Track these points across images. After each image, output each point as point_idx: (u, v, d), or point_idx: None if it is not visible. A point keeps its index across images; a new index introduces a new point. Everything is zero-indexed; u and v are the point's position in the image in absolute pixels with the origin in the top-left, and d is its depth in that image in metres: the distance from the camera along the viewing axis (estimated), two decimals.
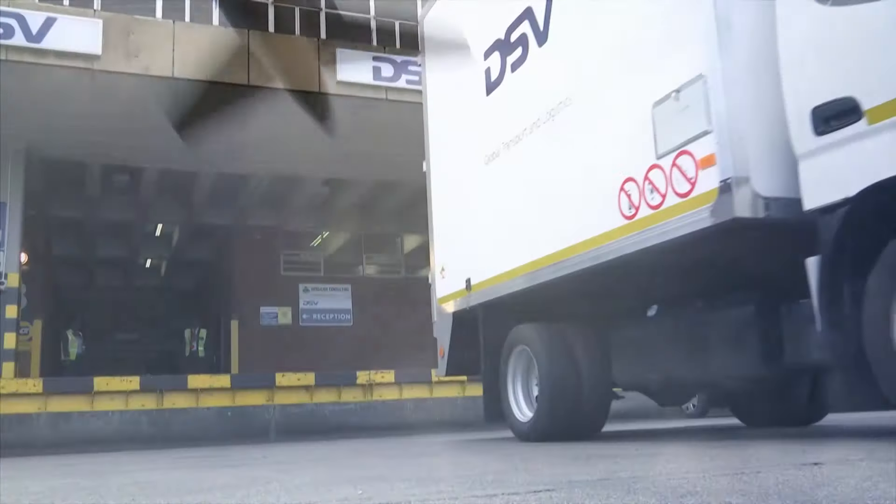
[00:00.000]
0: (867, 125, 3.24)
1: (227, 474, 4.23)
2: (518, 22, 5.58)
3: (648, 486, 2.52)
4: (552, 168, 5.17)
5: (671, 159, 4.01)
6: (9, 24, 10.75)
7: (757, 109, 3.69)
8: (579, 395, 5.32)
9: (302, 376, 12.21)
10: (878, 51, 3.25)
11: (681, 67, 3.96)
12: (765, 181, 3.62)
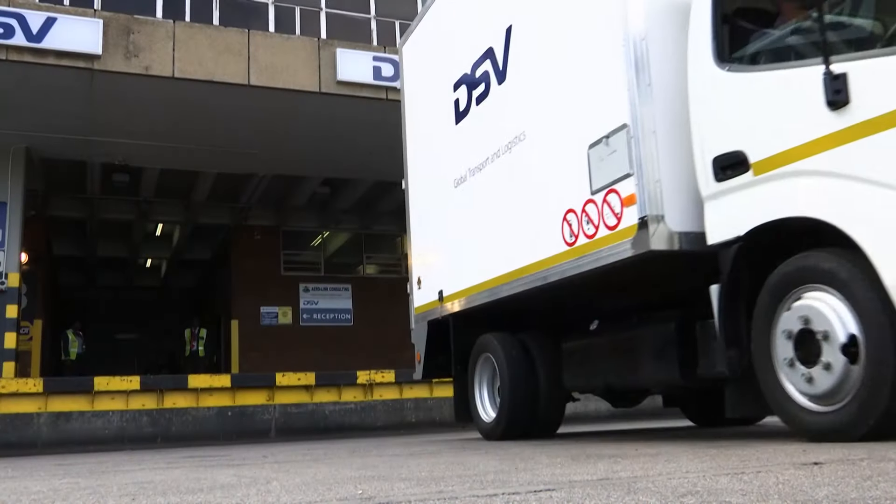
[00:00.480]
0: (753, 176, 3.81)
1: (227, 474, 4.23)
2: (482, 59, 6.08)
3: (649, 486, 2.52)
4: (509, 195, 5.70)
5: (602, 196, 4.57)
6: (9, 23, 10.76)
7: (671, 156, 4.22)
8: (536, 398, 5.93)
9: (302, 376, 12.21)
10: (762, 113, 3.80)
11: (610, 116, 4.48)
12: (677, 218, 4.17)
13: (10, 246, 13.16)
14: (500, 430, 6.13)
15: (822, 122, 3.46)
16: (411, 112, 7.72)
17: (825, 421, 3.52)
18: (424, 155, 7.38)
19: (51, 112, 12.33)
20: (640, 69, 4.32)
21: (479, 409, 6.45)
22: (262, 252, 19.51)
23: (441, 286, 6.70)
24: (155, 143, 13.72)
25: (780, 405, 3.75)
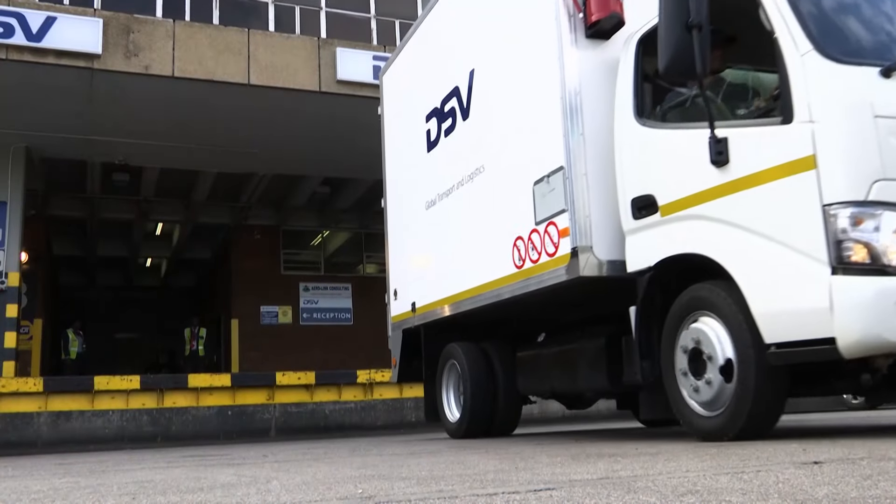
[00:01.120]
0: (661, 217, 4.42)
1: (227, 473, 4.23)
2: (450, 96, 6.66)
3: (649, 485, 2.52)
4: (470, 220, 6.33)
5: (544, 226, 5.16)
6: (9, 23, 10.76)
7: (600, 195, 4.82)
8: (496, 400, 6.57)
9: (302, 375, 12.21)
10: (668, 163, 4.44)
11: (550, 158, 5.07)
12: (604, 249, 4.78)
13: (10, 245, 13.16)
14: (464, 429, 6.73)
15: (709, 176, 4.07)
16: (390, 137, 8.30)
17: (708, 424, 4.11)
18: (401, 178, 7.97)
19: (51, 111, 12.33)
20: (574, 119, 4.91)
21: (446, 409, 7.04)
22: (262, 251, 19.51)
23: (414, 298, 7.26)
24: (155, 143, 13.72)
25: (678, 409, 4.33)
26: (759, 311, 3.76)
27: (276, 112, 12.76)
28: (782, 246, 3.68)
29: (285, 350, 17.61)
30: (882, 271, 3.41)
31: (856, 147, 3.51)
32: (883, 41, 4.01)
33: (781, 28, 3.80)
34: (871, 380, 3.87)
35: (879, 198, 3.44)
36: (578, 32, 4.96)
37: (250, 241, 19.51)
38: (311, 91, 12.22)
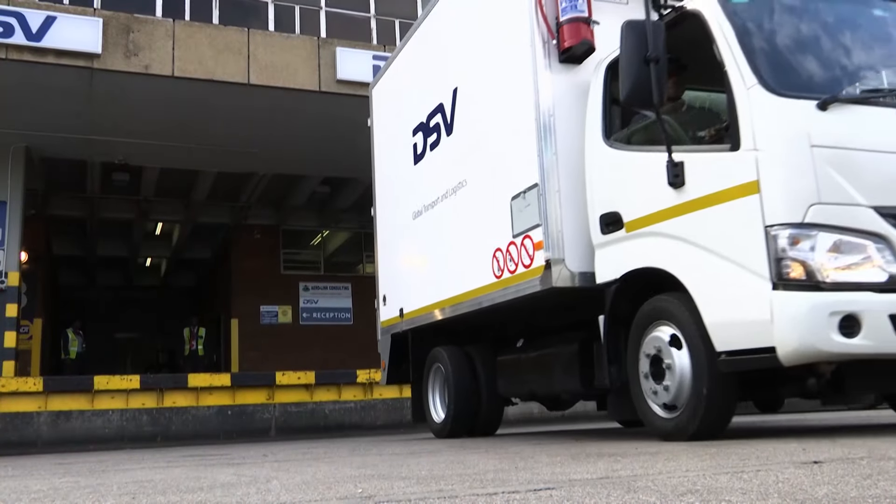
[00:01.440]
0: (626, 233, 4.70)
1: (227, 472, 4.23)
2: (435, 112, 6.92)
3: (649, 485, 2.53)
4: (454, 231, 6.61)
5: (521, 239, 5.44)
6: (9, 22, 10.75)
7: (572, 211, 5.09)
8: (478, 402, 6.85)
9: (302, 375, 12.22)
10: (632, 183, 4.71)
11: (526, 175, 5.34)
12: (575, 262, 5.06)
13: (9, 245, 13.16)
14: (448, 429, 7.00)
15: (667, 196, 4.37)
16: (379, 148, 8.57)
17: (667, 425, 4.40)
18: (389, 188, 8.23)
19: (50, 111, 12.32)
20: (548, 138, 5.19)
21: (432, 410, 7.33)
22: (262, 251, 19.51)
23: (402, 304, 7.54)
24: (155, 143, 13.71)
25: (641, 411, 4.61)
26: (710, 321, 4.06)
27: (276, 112, 12.76)
28: (730, 262, 3.98)
29: (285, 350, 17.61)
30: (816, 287, 3.70)
31: (794, 174, 3.81)
32: (821, 76, 4.29)
33: (730, 62, 4.10)
34: (816, 384, 4.13)
35: (815, 220, 3.74)
36: (552, 57, 5.24)
37: (250, 241, 19.50)
38: (311, 91, 12.22)
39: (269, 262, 19.55)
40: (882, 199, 3.80)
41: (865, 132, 3.91)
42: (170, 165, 15.60)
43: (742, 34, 4.15)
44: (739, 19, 4.21)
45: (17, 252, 13.26)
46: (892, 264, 3.75)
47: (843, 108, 3.91)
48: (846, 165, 3.81)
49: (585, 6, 5.13)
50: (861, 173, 3.83)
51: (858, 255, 3.75)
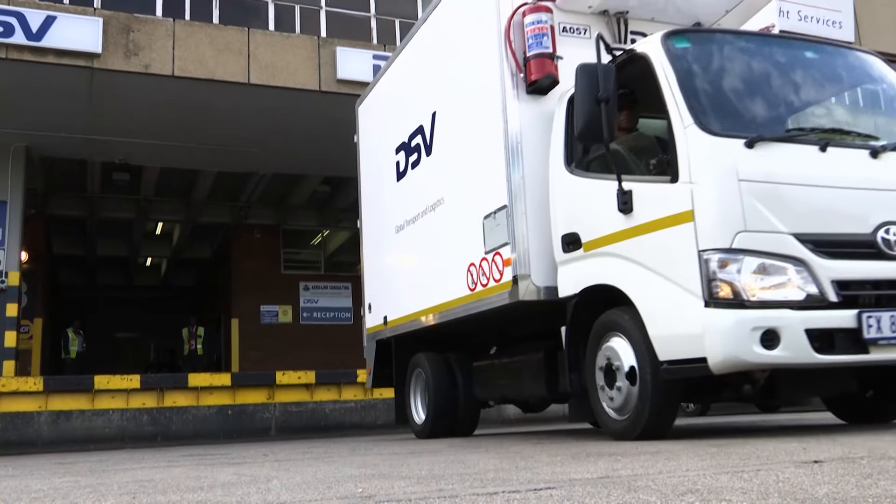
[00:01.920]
0: (584, 252, 5.11)
1: (227, 472, 4.23)
2: (416, 133, 7.29)
3: (649, 484, 2.53)
4: (433, 245, 7.04)
5: (492, 256, 5.85)
6: (9, 22, 10.75)
7: (537, 231, 5.48)
8: (456, 405, 7.17)
9: (302, 374, 12.22)
10: (589, 207, 5.11)
11: (496, 197, 5.74)
12: (540, 277, 5.44)
13: (10, 245, 13.15)
14: (428, 430, 7.36)
15: (618, 221, 4.77)
16: (364, 164, 8.94)
17: (619, 426, 4.81)
18: (374, 202, 8.61)
19: (51, 111, 12.32)
20: (516, 163, 5.58)
21: (413, 412, 7.67)
22: (262, 251, 19.50)
23: (386, 312, 7.95)
24: (155, 142, 13.71)
25: (597, 413, 5.04)
26: (654, 333, 4.47)
27: (276, 111, 12.76)
28: (671, 282, 4.40)
29: (285, 349, 17.60)
30: (742, 305, 4.12)
31: (723, 204, 4.24)
32: (750, 117, 4.75)
33: (671, 103, 4.52)
34: (751, 389, 4.64)
35: (741, 246, 4.17)
36: (520, 89, 5.63)
37: (250, 241, 19.50)
38: (312, 90, 12.21)
39: (270, 262, 19.54)
40: (801, 226, 4.24)
41: (787, 167, 4.33)
42: (170, 165, 15.59)
43: (682, 77, 4.58)
44: (680, 63, 4.65)
45: (18, 252, 13.25)
46: (810, 284, 4.16)
47: (768, 146, 4.33)
48: (770, 197, 4.24)
49: (550, 43, 5.52)
50: (783, 204, 4.25)
51: (780, 276, 4.17)
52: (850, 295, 4.21)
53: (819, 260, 4.19)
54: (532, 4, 5.63)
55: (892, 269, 4.29)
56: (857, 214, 4.37)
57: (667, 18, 5.91)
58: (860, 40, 18.92)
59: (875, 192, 4.43)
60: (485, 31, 5.98)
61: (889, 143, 4.68)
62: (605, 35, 5.31)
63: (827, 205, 4.34)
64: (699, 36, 5.14)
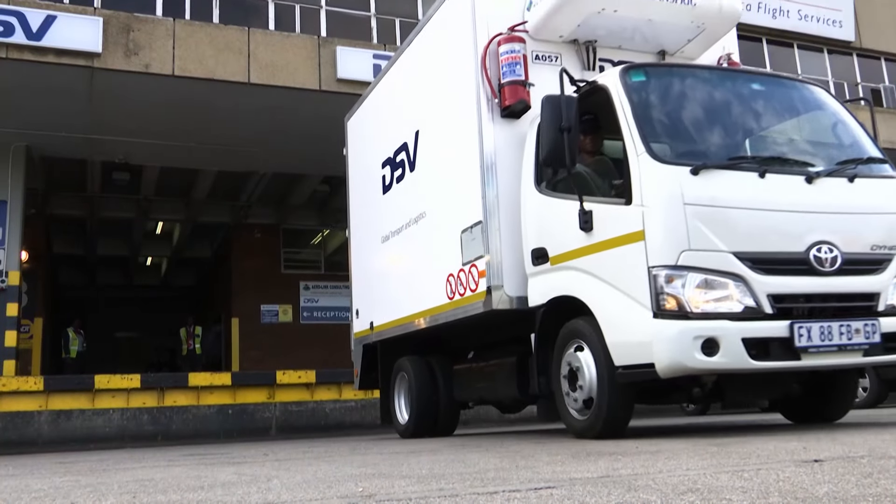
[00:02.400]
0: (551, 265, 5.49)
1: (228, 471, 4.23)
2: (400, 150, 7.65)
3: (649, 483, 2.53)
4: (415, 256, 7.43)
5: (469, 267, 6.21)
6: (9, 21, 10.74)
7: (509, 245, 5.86)
8: (437, 406, 7.49)
9: (303, 374, 12.22)
10: (555, 224, 5.45)
11: (472, 213, 6.12)
12: (512, 288, 5.83)
13: (10, 244, 13.15)
14: (411, 430, 7.65)
15: (580, 238, 5.16)
16: (353, 176, 9.27)
17: (580, 425, 5.22)
18: (362, 213, 8.93)
19: (51, 110, 12.32)
20: (490, 182, 5.96)
21: (397, 413, 7.98)
22: (263, 250, 19.50)
23: (372, 318, 8.29)
24: (155, 142, 13.71)
25: (562, 414, 5.41)
26: (610, 341, 4.86)
27: (277, 111, 12.76)
28: (625, 295, 4.78)
29: (286, 349, 17.61)
30: (685, 316, 4.51)
31: (670, 226, 4.63)
32: (697, 146, 5.18)
33: (626, 133, 4.91)
34: (700, 392, 5.14)
35: (685, 263, 4.56)
36: (495, 112, 5.99)
37: (250, 240, 19.50)
38: (312, 90, 12.21)
39: (270, 262, 19.54)
40: (740, 246, 4.62)
41: (729, 192, 4.71)
42: (170, 164, 15.59)
43: (636, 108, 4.97)
44: (635, 95, 5.05)
45: (18, 251, 13.25)
46: (747, 298, 4.56)
47: (712, 173, 4.72)
48: (712, 219, 4.63)
49: (523, 71, 5.87)
50: (724, 225, 4.64)
51: (720, 291, 4.56)
52: (784, 307, 4.61)
53: (756, 276, 4.58)
54: (506, 35, 5.99)
55: (822, 284, 4.70)
56: (792, 235, 4.75)
57: (634, 47, 6.27)
58: (860, 39, 18.93)
59: (808, 215, 4.82)
60: (463, 58, 6.34)
61: (823, 169, 5.08)
62: (575, 62, 6.06)
63: (764, 226, 4.73)
64: (654, 70, 5.59)
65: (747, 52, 18.11)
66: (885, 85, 19.14)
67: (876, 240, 4.93)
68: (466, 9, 6.29)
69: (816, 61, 18.85)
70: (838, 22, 18.62)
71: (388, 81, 8.25)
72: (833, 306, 4.73)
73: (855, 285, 4.80)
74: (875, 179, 5.19)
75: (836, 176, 5.03)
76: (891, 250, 4.94)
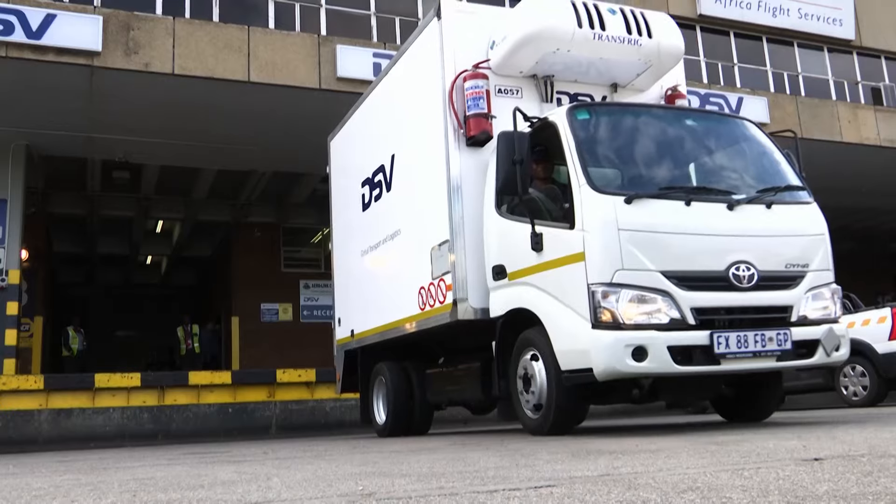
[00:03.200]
0: (508, 281, 6.05)
1: (228, 470, 4.24)
2: (378, 171, 8.24)
3: (649, 482, 2.53)
4: (391, 269, 8.00)
5: (437, 281, 6.75)
6: (8, 20, 10.74)
7: (474, 262, 6.40)
8: (412, 408, 8.04)
9: (303, 372, 12.24)
10: (512, 244, 6.00)
11: (441, 232, 6.65)
12: (476, 300, 6.39)
13: (10, 243, 13.15)
14: (388, 430, 8.17)
15: (532, 257, 5.71)
16: (335, 193, 9.82)
17: (534, 423, 5.83)
18: (344, 228, 9.52)
19: (51, 109, 12.31)
20: (456, 204, 6.50)
21: (376, 414, 8.53)
22: (263, 249, 19.49)
23: (353, 326, 8.82)
24: (155, 140, 13.70)
25: (519, 413, 6.01)
26: (557, 348, 5.44)
27: (277, 109, 12.75)
28: (569, 308, 5.35)
29: (286, 347, 17.60)
30: (619, 327, 5.08)
31: (606, 248, 5.20)
32: (631, 178, 5.83)
33: (571, 165, 5.51)
34: (638, 393, 5.71)
35: (619, 281, 5.14)
36: (461, 141, 6.54)
37: (250, 239, 19.48)
38: (312, 88, 12.20)
39: (270, 260, 19.53)
40: (667, 265, 5.20)
41: (658, 219, 5.29)
42: (170, 163, 15.58)
43: (580, 143, 5.55)
44: (579, 132, 5.63)
45: (18, 250, 13.24)
46: (673, 311, 5.13)
47: (644, 202, 5.31)
48: (643, 242, 5.21)
49: (485, 104, 6.42)
50: (653, 248, 5.22)
51: (649, 305, 5.13)
52: (706, 319, 5.18)
53: (681, 292, 5.16)
54: (471, 72, 6.55)
55: (740, 298, 5.29)
56: (714, 255, 5.33)
57: (588, 80, 6.86)
58: (860, 38, 18.92)
59: (728, 238, 5.42)
60: (433, 91, 6.87)
61: (743, 197, 5.67)
62: (535, 95, 6.73)
63: (689, 248, 5.32)
64: (598, 109, 6.27)
65: (747, 51, 18.15)
66: (885, 84, 19.14)
67: (790, 259, 5.55)
68: (435, 47, 6.86)
69: (816, 60, 18.85)
70: (838, 20, 18.61)
71: (368, 106, 8.78)
72: (751, 318, 5.31)
73: (770, 299, 5.39)
74: (792, 205, 5.82)
75: (755, 203, 5.62)
76: (803, 268, 5.56)
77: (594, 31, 6.36)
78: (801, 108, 16.04)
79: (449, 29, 6.76)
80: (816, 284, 5.60)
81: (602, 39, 6.42)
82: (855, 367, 10.13)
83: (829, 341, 5.50)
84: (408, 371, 8.09)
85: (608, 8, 6.53)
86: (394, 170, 7.83)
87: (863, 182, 18.00)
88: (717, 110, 7.12)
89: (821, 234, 5.78)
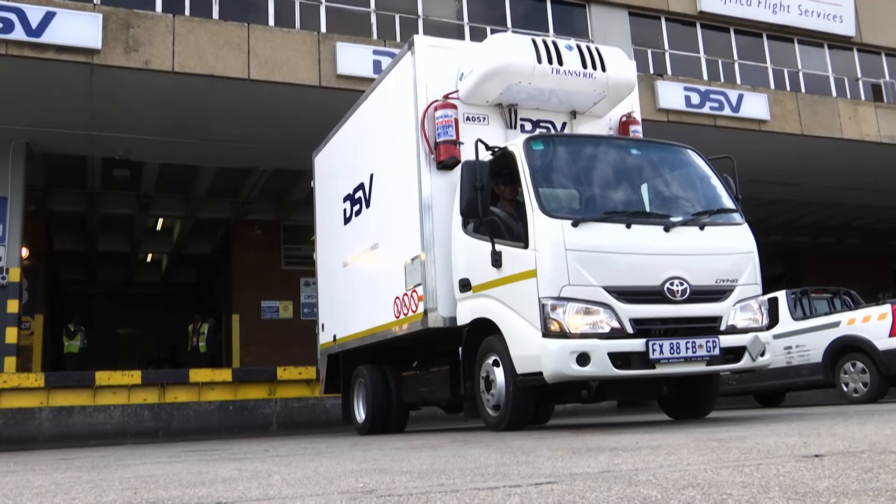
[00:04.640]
0: (473, 293, 6.64)
1: (229, 467, 4.24)
2: (358, 188, 8.82)
3: (650, 478, 2.53)
4: (370, 280, 8.56)
5: (411, 292, 7.32)
6: (8, 18, 10.72)
7: (443, 275, 6.97)
8: (389, 408, 8.61)
9: (303, 370, 12.23)
10: (475, 260, 6.57)
11: (414, 247, 7.24)
12: (445, 309, 6.96)
13: (10, 241, 13.14)
14: (367, 428, 8.71)
15: (493, 272, 6.34)
16: (319, 207, 10.38)
17: (493, 421, 6.48)
18: (326, 240, 10.08)
19: (51, 107, 12.31)
20: (427, 222, 7.06)
21: (356, 413, 9.09)
22: (263, 246, 19.48)
23: (335, 332, 9.42)
24: (155, 138, 13.70)
25: (481, 412, 6.67)
26: (513, 354, 6.08)
27: (277, 107, 12.74)
28: (523, 318, 5.97)
29: (286, 345, 17.60)
30: (565, 336, 5.69)
31: (554, 266, 5.81)
32: (578, 203, 6.50)
33: (525, 191, 6.12)
34: (587, 394, 6.36)
35: (566, 295, 5.75)
36: (432, 165, 7.12)
37: (251, 237, 19.48)
38: (312, 86, 12.19)
39: (270, 258, 19.52)
40: (609, 281, 5.79)
41: (601, 240, 5.89)
42: (170, 161, 15.58)
43: (534, 171, 6.17)
44: (534, 161, 6.25)
45: (18, 248, 13.23)
46: (614, 321, 5.73)
47: (589, 225, 5.92)
48: (588, 261, 5.80)
49: (454, 132, 7.01)
50: (597, 265, 5.81)
51: (593, 316, 5.73)
52: (643, 328, 5.78)
53: (621, 304, 5.75)
54: (441, 102, 7.13)
55: (673, 310, 5.89)
56: (651, 272, 5.90)
57: (550, 108, 7.43)
58: (861, 34, 18.90)
59: (664, 256, 6.00)
60: (407, 117, 7.44)
61: (679, 219, 6.26)
62: (500, 121, 7.31)
63: (629, 265, 5.90)
64: (551, 140, 6.89)
65: (747, 48, 18.13)
66: (885, 80, 19.11)
67: (720, 274, 6.14)
68: (409, 78, 7.46)
69: (817, 56, 18.83)
70: (839, 17, 18.59)
71: (350, 126, 9.31)
72: (684, 327, 5.90)
73: (701, 310, 5.99)
74: (723, 226, 6.42)
75: (690, 225, 6.23)
76: (732, 282, 6.16)
77: (552, 65, 7.00)
78: (801, 104, 16.02)
79: (421, 62, 7.36)
80: (745, 297, 6.19)
81: (560, 73, 7.04)
82: (855, 364, 10.13)
83: (754, 348, 6.09)
84: (385, 373, 8.64)
85: (566, 45, 7.22)
86: (373, 188, 8.41)
87: (863, 179, 18.00)
88: (660, 140, 7.59)
89: (749, 251, 6.37)
